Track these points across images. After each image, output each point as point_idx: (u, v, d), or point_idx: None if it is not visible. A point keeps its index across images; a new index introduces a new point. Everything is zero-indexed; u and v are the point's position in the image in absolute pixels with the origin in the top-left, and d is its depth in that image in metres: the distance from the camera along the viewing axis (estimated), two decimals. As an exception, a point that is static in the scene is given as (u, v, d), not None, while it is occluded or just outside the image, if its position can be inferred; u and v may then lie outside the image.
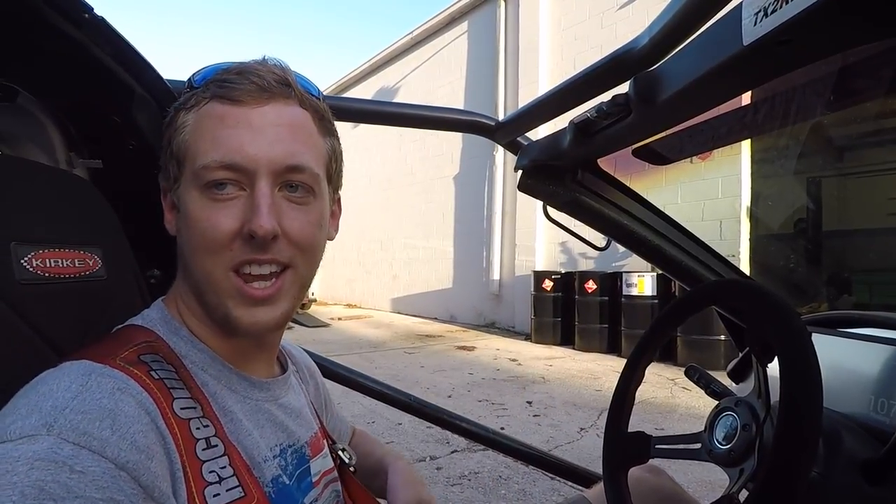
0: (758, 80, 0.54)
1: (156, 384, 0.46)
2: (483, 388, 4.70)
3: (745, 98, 0.74)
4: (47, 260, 0.57)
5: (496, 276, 8.57)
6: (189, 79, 0.55)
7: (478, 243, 8.98)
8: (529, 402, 4.20)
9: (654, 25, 0.61)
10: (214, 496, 0.46)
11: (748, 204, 5.58)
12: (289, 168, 0.51)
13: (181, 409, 0.47)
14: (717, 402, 0.77)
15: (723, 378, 0.92)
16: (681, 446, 0.77)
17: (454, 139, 9.39)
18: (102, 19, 0.58)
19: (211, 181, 0.49)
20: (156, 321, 0.54)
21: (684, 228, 1.04)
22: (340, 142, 0.61)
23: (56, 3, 0.54)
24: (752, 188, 5.59)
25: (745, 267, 5.38)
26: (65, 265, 0.59)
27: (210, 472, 0.46)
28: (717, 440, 0.71)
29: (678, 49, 0.60)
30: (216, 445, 0.48)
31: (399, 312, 10.65)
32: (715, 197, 5.75)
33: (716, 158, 5.58)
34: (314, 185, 0.54)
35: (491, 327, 8.60)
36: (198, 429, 0.47)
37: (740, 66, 0.50)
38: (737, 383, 1.01)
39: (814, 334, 0.86)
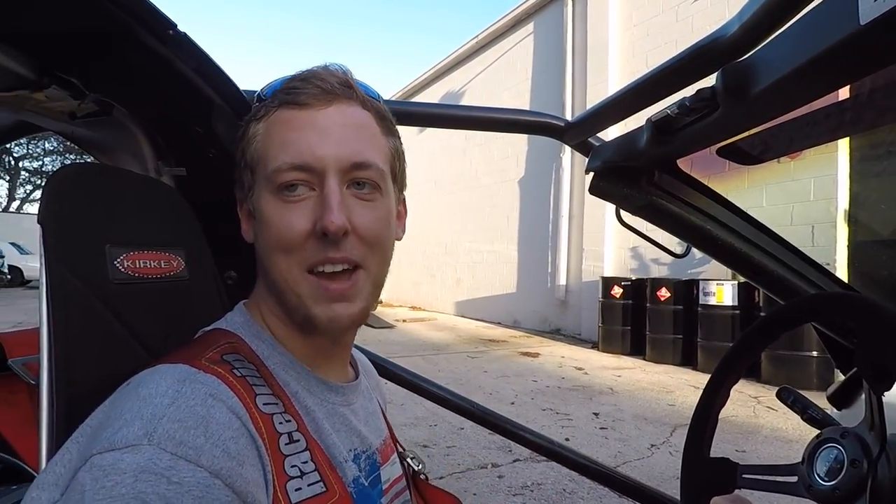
0: (876, 64, 0.47)
1: (239, 381, 0.47)
2: (547, 396, 4.60)
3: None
4: (137, 261, 0.61)
5: (562, 281, 8.38)
6: (258, 92, 0.57)
7: (543, 248, 8.82)
8: (596, 414, 4.06)
9: (745, 10, 0.55)
10: (296, 490, 0.47)
11: (846, 207, 5.10)
12: (355, 165, 0.52)
13: (264, 404, 0.48)
14: (817, 432, 0.68)
15: (818, 400, 0.83)
16: (773, 478, 0.70)
17: (519, 142, 9.31)
18: (185, 35, 0.61)
19: (282, 183, 0.51)
20: (238, 325, 0.57)
21: (776, 234, 0.95)
22: (402, 143, 0.62)
23: (145, 21, 0.58)
24: (850, 189, 5.10)
25: (842, 276, 4.92)
26: (152, 266, 0.63)
27: (292, 466, 0.47)
28: (817, 475, 0.64)
29: (775, 35, 0.54)
30: (298, 440, 0.49)
31: (463, 316, 10.66)
32: (806, 199, 5.31)
33: (807, 157, 5.16)
34: (380, 182, 0.55)
35: (556, 334, 8.42)
36: (280, 423, 0.48)
37: (855, 50, 0.44)
38: (839, 409, 0.91)
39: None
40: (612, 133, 0.95)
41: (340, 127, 0.52)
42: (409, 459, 0.67)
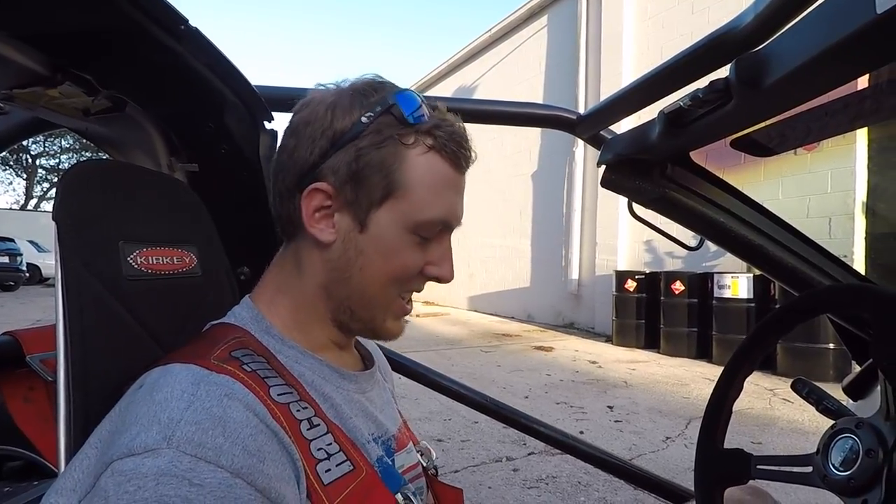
0: (892, 54, 0.46)
1: (249, 377, 0.48)
2: (561, 389, 4.59)
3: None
4: (150, 257, 0.61)
5: (575, 275, 8.34)
6: (394, 106, 0.53)
7: (556, 242, 8.78)
8: (610, 407, 4.05)
9: (760, 0, 0.55)
10: (326, 472, 0.47)
11: (864, 199, 5.00)
12: (459, 224, 0.60)
13: (278, 395, 0.48)
14: (832, 423, 0.68)
15: (835, 392, 0.82)
16: (788, 468, 0.69)
17: (532, 136, 9.25)
18: (196, 30, 0.61)
19: (426, 231, 0.55)
20: (247, 320, 0.57)
21: (791, 227, 0.94)
22: None
23: (157, 17, 0.58)
24: (868, 181, 5.00)
25: (859, 268, 4.84)
26: (164, 262, 0.63)
27: (318, 449, 0.48)
28: (833, 465, 0.63)
29: (790, 25, 0.53)
30: (318, 424, 0.50)
31: (476, 310, 10.67)
32: (823, 191, 5.22)
33: (824, 149, 5.06)
34: None
35: (570, 328, 8.39)
36: (298, 411, 0.49)
37: (872, 39, 0.43)
38: (854, 400, 0.90)
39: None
40: (624, 126, 0.94)
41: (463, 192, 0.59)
42: (418, 455, 0.67)
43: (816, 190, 5.27)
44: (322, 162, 0.53)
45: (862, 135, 4.95)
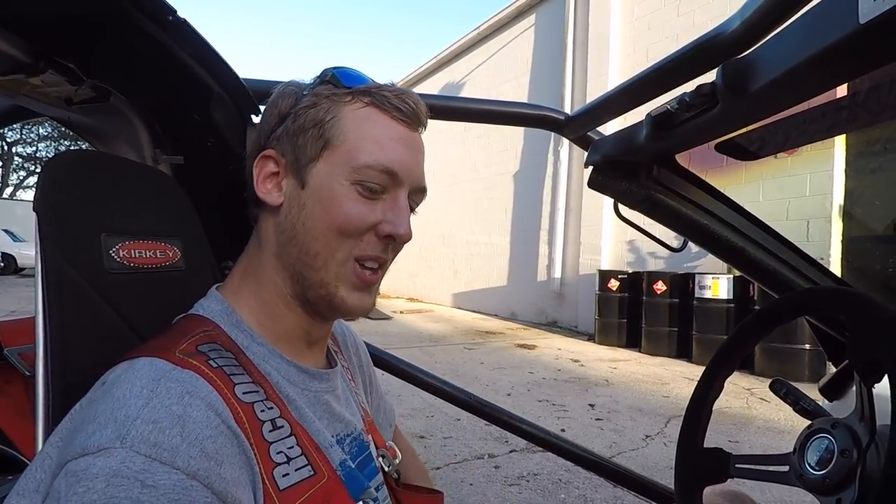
0: (874, 63, 0.47)
1: (215, 373, 0.47)
2: (543, 387, 4.63)
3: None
4: (132, 251, 0.60)
5: (559, 274, 8.40)
6: (331, 75, 0.57)
7: (540, 240, 8.83)
8: (592, 405, 4.09)
9: (746, 7, 0.55)
10: (283, 476, 0.47)
11: (841, 202, 5.12)
12: (420, 189, 0.59)
13: (243, 393, 0.48)
14: (809, 423, 0.69)
15: (810, 392, 0.84)
16: (765, 467, 0.70)
17: (518, 134, 9.28)
18: (184, 21, 0.60)
19: (367, 179, 0.54)
20: (216, 313, 0.56)
21: (771, 229, 0.96)
22: None
23: (144, 7, 0.57)
24: (846, 185, 5.12)
25: (835, 271, 4.95)
26: (148, 256, 0.62)
27: (277, 452, 0.47)
28: (808, 464, 0.65)
29: (776, 32, 0.54)
30: (282, 426, 0.49)
31: (460, 307, 10.69)
32: (802, 195, 5.33)
33: (804, 153, 5.17)
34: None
35: (553, 326, 8.45)
36: (262, 411, 0.48)
37: (854, 49, 0.44)
38: (830, 401, 0.92)
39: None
40: (611, 127, 0.95)
41: (420, 153, 0.59)
42: (380, 459, 0.66)
43: (796, 193, 5.38)
44: (270, 137, 0.57)
45: (840, 139, 5.07)
